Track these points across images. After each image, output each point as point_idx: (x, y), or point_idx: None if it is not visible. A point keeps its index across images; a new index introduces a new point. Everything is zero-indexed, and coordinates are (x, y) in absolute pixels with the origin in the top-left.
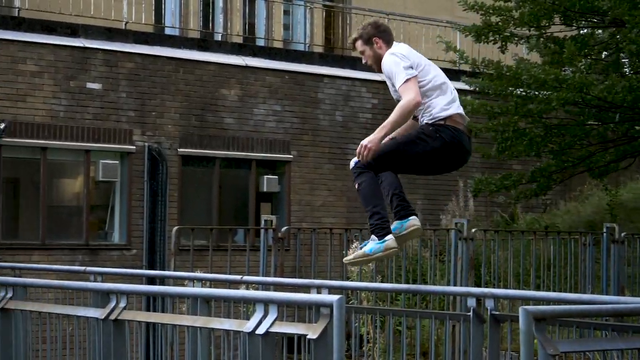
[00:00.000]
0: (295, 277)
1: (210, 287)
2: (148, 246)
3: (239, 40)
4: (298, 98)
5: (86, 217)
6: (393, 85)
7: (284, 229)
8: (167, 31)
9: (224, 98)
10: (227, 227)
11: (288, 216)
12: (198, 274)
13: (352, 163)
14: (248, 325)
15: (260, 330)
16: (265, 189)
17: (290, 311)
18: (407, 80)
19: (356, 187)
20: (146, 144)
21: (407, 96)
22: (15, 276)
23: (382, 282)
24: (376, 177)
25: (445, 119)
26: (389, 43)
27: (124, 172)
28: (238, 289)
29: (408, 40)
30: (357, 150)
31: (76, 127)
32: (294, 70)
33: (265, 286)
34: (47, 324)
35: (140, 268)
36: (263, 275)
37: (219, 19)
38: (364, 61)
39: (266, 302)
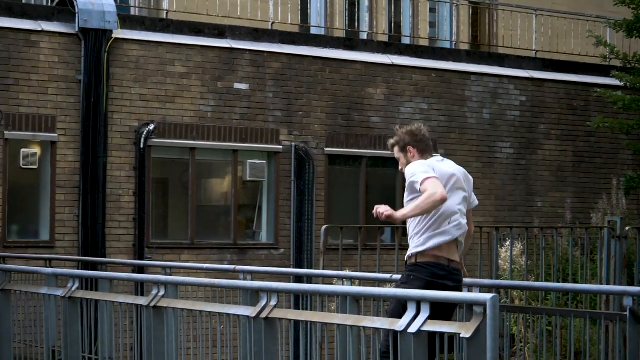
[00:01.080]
0: None
1: (359, 286)
2: (295, 245)
3: (385, 38)
4: (445, 96)
5: (234, 216)
6: (410, 193)
7: None
8: (313, 31)
9: (370, 97)
10: (377, 225)
11: None
12: (348, 273)
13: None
14: (400, 324)
15: (413, 329)
16: None
17: None
18: (429, 177)
19: None
20: (293, 143)
21: (432, 189)
22: (166, 275)
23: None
24: None
25: (416, 255)
26: (422, 153)
27: (271, 172)
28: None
29: (556, 36)
30: (375, 211)
31: (224, 128)
32: (441, 68)
33: None
34: (198, 322)
35: (288, 267)
36: None
37: (365, 17)
38: (399, 168)
39: (418, 301)
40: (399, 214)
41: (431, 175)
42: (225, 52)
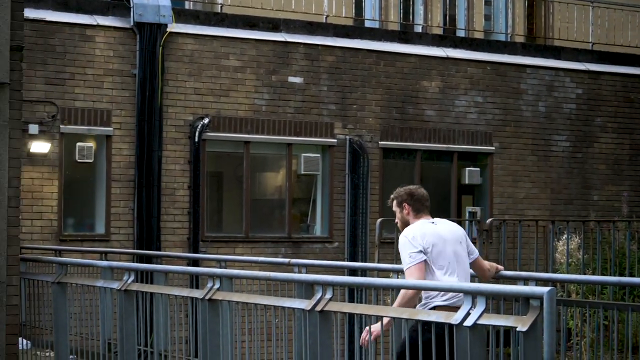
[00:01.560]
0: None
1: None
2: (350, 239)
3: (440, 31)
4: (500, 89)
5: (288, 210)
6: (403, 261)
7: (488, 220)
8: (367, 24)
9: (424, 90)
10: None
11: (490, 208)
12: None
13: None
14: (456, 317)
15: (469, 322)
16: (466, 181)
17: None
18: (409, 267)
19: None
20: (347, 137)
21: (407, 283)
22: (220, 268)
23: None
24: None
25: (433, 308)
26: (417, 212)
27: (325, 165)
28: None
29: (613, 28)
30: (362, 335)
31: (278, 121)
32: (496, 61)
33: None
34: (253, 315)
35: (342, 261)
36: None
37: (419, 10)
38: (395, 221)
39: (474, 294)
40: (379, 325)
41: (412, 263)
42: (280, 45)
